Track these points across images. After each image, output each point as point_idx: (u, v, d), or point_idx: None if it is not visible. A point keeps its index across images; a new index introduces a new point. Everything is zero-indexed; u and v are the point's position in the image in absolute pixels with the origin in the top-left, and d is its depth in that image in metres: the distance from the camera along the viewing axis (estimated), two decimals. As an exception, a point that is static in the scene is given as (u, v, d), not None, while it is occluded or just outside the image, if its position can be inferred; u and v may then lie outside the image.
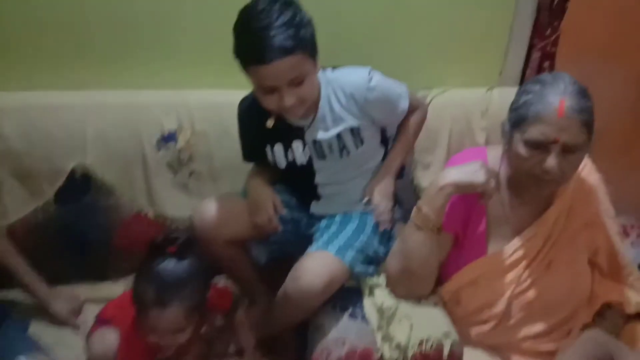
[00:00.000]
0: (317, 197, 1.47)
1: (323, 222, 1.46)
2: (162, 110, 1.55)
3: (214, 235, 1.37)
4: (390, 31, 1.64)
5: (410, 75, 1.61)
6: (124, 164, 1.55)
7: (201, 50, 1.59)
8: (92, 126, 1.51)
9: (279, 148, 1.37)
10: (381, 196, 1.39)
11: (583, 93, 1.11)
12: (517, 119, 1.15)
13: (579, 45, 1.79)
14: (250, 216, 1.38)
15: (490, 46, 1.72)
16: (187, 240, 1.20)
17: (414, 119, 1.44)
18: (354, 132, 1.34)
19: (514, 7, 1.67)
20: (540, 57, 1.72)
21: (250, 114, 1.36)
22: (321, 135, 1.33)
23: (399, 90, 1.37)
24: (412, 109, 1.42)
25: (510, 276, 1.26)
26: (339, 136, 1.33)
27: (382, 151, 1.46)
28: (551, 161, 1.09)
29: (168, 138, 1.55)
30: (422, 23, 1.64)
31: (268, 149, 1.38)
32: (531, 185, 1.18)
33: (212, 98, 1.60)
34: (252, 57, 1.12)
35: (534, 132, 1.10)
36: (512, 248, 1.25)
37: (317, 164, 1.40)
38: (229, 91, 1.55)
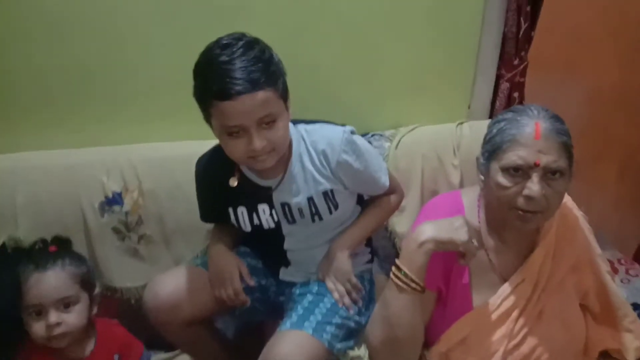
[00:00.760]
0: (287, 263, 1.32)
1: (296, 290, 1.30)
2: (104, 169, 1.42)
3: (170, 317, 1.19)
4: (354, 70, 1.58)
5: (377, 115, 1.60)
6: (63, 234, 1.30)
7: (146, 102, 1.49)
8: (23, 193, 1.37)
9: (242, 211, 1.23)
10: (335, 279, 1.23)
11: (556, 117, 1.09)
12: (493, 148, 1.11)
13: (539, 69, 1.77)
14: (213, 290, 1.22)
15: (456, 80, 1.67)
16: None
17: (388, 200, 1.31)
18: (327, 195, 1.20)
19: (479, 39, 1.62)
20: (509, 88, 1.67)
21: (210, 172, 1.23)
22: (290, 198, 1.19)
23: (377, 162, 1.24)
24: (389, 191, 1.30)
25: (502, 330, 1.17)
26: (310, 200, 1.20)
27: (358, 210, 1.33)
28: (533, 186, 1.04)
29: (112, 201, 1.42)
30: (386, 61, 1.59)
31: (230, 211, 1.24)
32: (514, 221, 1.11)
33: (160, 152, 1.48)
34: (217, 92, 0.98)
35: (512, 157, 1.06)
36: (500, 298, 1.17)
37: (286, 229, 1.25)
38: (178, 143, 1.46)
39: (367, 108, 1.61)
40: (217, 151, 1.17)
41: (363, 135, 1.57)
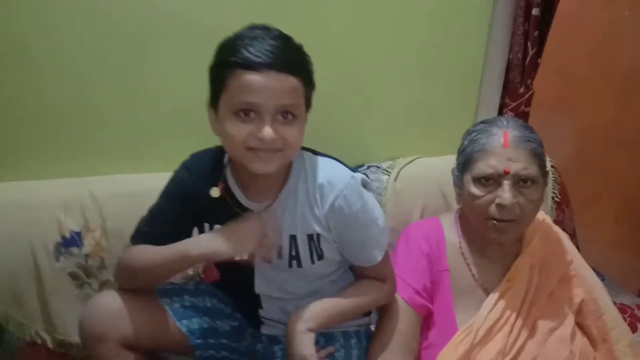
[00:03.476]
0: (259, 318, 1.14)
1: (278, 350, 1.12)
2: (60, 205, 1.25)
3: (108, 330, 0.97)
4: (350, 98, 1.49)
5: (374, 145, 1.53)
6: (10, 281, 1.22)
7: (111, 128, 1.33)
8: (-39, 234, 1.18)
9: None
10: None
11: (526, 126, 1.13)
12: (465, 159, 1.14)
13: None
14: (237, 247, 0.94)
15: (458, 109, 1.59)
16: None
17: (377, 286, 1.10)
18: (312, 240, 1.03)
19: (482, 66, 1.55)
20: (513, 118, 1.56)
21: (197, 174, 1.04)
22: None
23: (377, 230, 1.05)
24: (380, 276, 1.10)
25: (494, 347, 1.11)
26: (292, 239, 1.03)
27: (347, 278, 1.15)
28: (504, 194, 1.07)
29: (70, 241, 1.25)
30: (383, 88, 1.51)
31: (206, 227, 1.05)
32: (490, 233, 1.12)
33: (127, 186, 1.31)
34: (244, 60, 0.86)
35: (482, 166, 1.10)
36: (486, 310, 1.14)
37: (259, 265, 1.06)
38: (148, 175, 1.31)
39: (363, 138, 1.52)
40: (208, 153, 1.05)
41: (358, 167, 1.48)
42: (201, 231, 1.05)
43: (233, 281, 1.13)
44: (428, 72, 1.51)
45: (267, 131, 0.88)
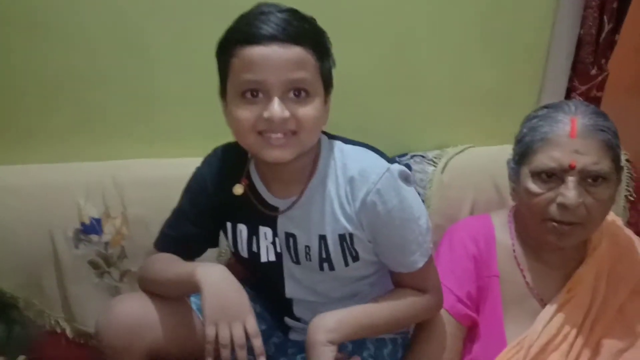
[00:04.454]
0: (292, 315, 1.04)
1: None
2: (81, 190, 1.20)
3: (128, 343, 0.89)
4: (391, 79, 1.36)
5: (419, 132, 1.42)
6: (29, 267, 1.20)
7: (136, 110, 1.27)
8: (-21, 219, 1.17)
9: (242, 229, 0.98)
10: None
11: (598, 113, 1.00)
12: (523, 149, 1.02)
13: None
14: (207, 327, 0.84)
15: (518, 93, 1.43)
16: None
17: (418, 298, 0.96)
18: (345, 241, 0.93)
19: (548, 44, 1.38)
20: (582, 104, 1.40)
21: (217, 170, 0.99)
22: (298, 229, 0.94)
23: (417, 230, 0.92)
24: (422, 285, 0.97)
25: None
26: (322, 240, 0.93)
27: (386, 281, 1.03)
28: (568, 192, 0.94)
29: (89, 228, 1.20)
30: (431, 68, 1.37)
31: (229, 227, 0.99)
32: (548, 236, 1.00)
33: (151, 172, 1.25)
34: (244, 35, 0.80)
35: (543, 158, 0.98)
36: (541, 324, 1.03)
37: (288, 268, 0.98)
38: (174, 161, 1.24)
39: (406, 124, 1.39)
40: (231, 147, 0.98)
41: (401, 156, 1.37)
42: (234, 229, 0.98)
43: (261, 283, 1.05)
44: (483, 48, 1.35)
45: (275, 108, 0.79)
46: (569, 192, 0.95)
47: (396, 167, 0.89)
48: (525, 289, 1.08)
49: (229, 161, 0.98)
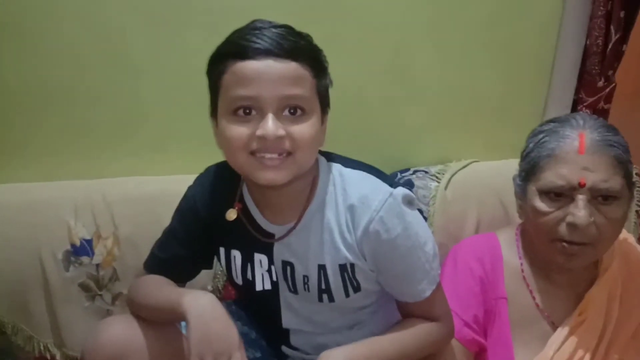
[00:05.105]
0: (291, 346, 1.00)
1: None
2: (70, 210, 1.17)
3: None
4: (392, 91, 1.33)
5: (421, 146, 1.38)
6: (17, 291, 1.16)
7: (127, 125, 1.24)
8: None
9: (236, 255, 0.93)
10: None
11: (608, 127, 0.96)
12: (529, 166, 0.99)
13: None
14: (196, 357, 0.80)
15: (523, 105, 1.40)
16: None
17: (427, 328, 0.91)
18: (346, 271, 0.88)
19: (553, 55, 1.35)
20: (589, 117, 1.36)
21: (212, 192, 0.93)
22: (296, 258, 0.89)
23: (424, 257, 0.88)
24: (430, 315, 0.92)
25: None
26: (321, 270, 0.88)
27: (392, 307, 0.98)
28: (578, 212, 0.91)
29: (80, 250, 1.17)
30: (432, 79, 1.35)
31: (222, 253, 0.95)
32: (557, 256, 0.97)
33: (142, 189, 1.21)
34: (237, 49, 0.77)
35: (551, 176, 0.94)
36: (552, 349, 1.00)
37: (285, 297, 0.93)
38: (167, 178, 1.22)
39: (408, 137, 1.36)
40: (225, 166, 0.91)
41: (402, 171, 1.32)
42: (227, 255, 0.94)
43: (257, 310, 1.01)
44: (486, 57, 1.32)
45: (269, 125, 0.75)
46: (579, 211, 0.90)
47: (399, 192, 0.84)
48: (535, 311, 1.04)
49: (222, 182, 0.93)
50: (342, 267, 0.87)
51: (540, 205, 0.95)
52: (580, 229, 0.91)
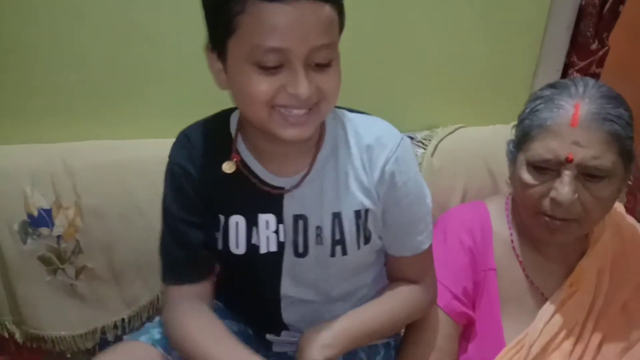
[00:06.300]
0: (280, 325, 0.93)
1: None
2: (27, 177, 1.07)
3: None
4: (377, 53, 1.26)
5: (407, 112, 1.33)
6: None
7: (92, 82, 1.13)
8: None
9: (238, 221, 0.84)
10: None
11: (611, 97, 0.89)
12: (522, 134, 0.95)
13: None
14: None
15: (512, 69, 1.34)
16: None
17: (410, 292, 0.90)
18: (360, 218, 0.84)
19: (546, 15, 1.28)
20: (580, 81, 1.32)
21: (201, 151, 0.83)
22: (310, 209, 0.83)
23: (425, 206, 0.88)
24: (420, 273, 0.91)
25: None
26: (336, 218, 0.83)
27: (381, 281, 0.96)
28: (562, 188, 0.87)
29: (38, 221, 1.08)
30: (419, 42, 1.27)
31: (221, 220, 0.84)
32: (540, 230, 0.95)
33: (109, 155, 1.11)
34: None
35: (539, 148, 0.90)
36: (542, 321, 0.98)
37: (289, 262, 0.86)
38: (136, 142, 1.12)
39: (393, 101, 1.28)
40: (203, 125, 0.85)
41: None
42: (226, 223, 0.84)
43: (249, 285, 0.92)
44: (475, 19, 1.25)
45: (303, 85, 0.67)
46: (563, 187, 0.87)
47: (407, 139, 0.85)
48: (525, 284, 1.02)
49: (211, 140, 0.83)
50: (357, 214, 0.83)
51: (527, 177, 0.92)
52: (563, 205, 0.88)
